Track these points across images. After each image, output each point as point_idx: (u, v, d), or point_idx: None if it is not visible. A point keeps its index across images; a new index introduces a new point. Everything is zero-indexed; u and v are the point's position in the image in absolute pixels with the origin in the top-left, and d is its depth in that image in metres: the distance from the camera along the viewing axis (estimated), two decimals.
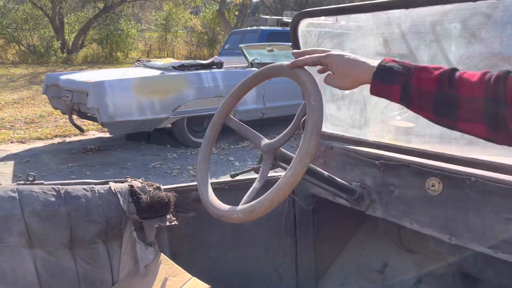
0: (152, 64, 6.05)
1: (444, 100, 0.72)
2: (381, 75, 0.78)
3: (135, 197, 1.24)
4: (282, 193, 0.86)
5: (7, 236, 1.09)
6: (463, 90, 0.71)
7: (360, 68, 0.81)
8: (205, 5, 23.73)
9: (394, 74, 0.76)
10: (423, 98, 0.74)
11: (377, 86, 0.78)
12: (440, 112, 0.74)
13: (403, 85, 0.75)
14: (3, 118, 7.46)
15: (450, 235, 1.13)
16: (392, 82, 0.76)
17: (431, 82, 0.73)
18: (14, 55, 18.14)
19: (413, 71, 0.75)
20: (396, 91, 0.76)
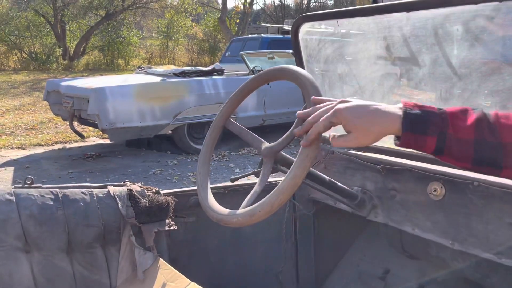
0: (153, 71, 6.06)
1: (486, 149, 0.67)
2: (412, 125, 0.68)
3: (134, 201, 1.22)
4: (283, 196, 0.84)
5: (4, 239, 1.08)
6: (506, 137, 0.66)
7: (383, 119, 0.70)
8: (207, 13, 23.88)
9: (427, 124, 0.68)
10: (462, 148, 0.68)
11: (408, 138, 0.69)
12: (482, 161, 0.68)
13: (439, 135, 0.68)
14: (3, 124, 7.46)
15: (452, 241, 1.12)
16: (425, 132, 0.68)
17: (469, 130, 0.67)
18: (16, 62, 18.22)
19: (446, 119, 0.68)
20: (431, 142, 0.68)
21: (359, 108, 0.71)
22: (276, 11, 28.19)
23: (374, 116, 0.70)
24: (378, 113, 0.70)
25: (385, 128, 0.70)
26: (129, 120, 4.91)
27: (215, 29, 21.63)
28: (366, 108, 0.71)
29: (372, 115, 0.70)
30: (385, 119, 0.70)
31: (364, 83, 1.30)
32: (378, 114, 0.70)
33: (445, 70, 1.04)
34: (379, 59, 1.22)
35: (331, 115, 0.73)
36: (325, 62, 1.39)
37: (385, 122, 0.70)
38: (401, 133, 0.69)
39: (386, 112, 0.70)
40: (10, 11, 18.35)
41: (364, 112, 0.71)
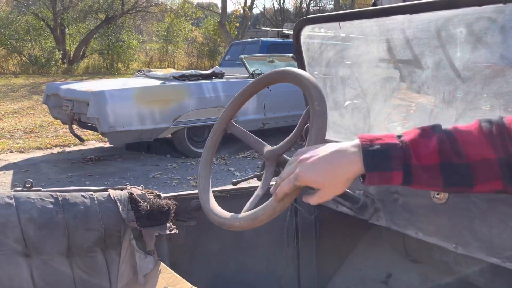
0: (153, 74, 6.06)
1: (454, 172, 0.66)
2: (375, 164, 0.66)
3: (135, 205, 1.22)
4: (286, 199, 0.83)
5: (3, 243, 1.06)
6: (472, 156, 0.65)
7: (344, 167, 0.68)
8: (207, 17, 23.95)
9: (389, 159, 0.66)
10: (430, 175, 0.66)
11: (373, 177, 0.67)
12: (452, 184, 0.67)
13: (404, 168, 0.66)
14: (3, 127, 7.45)
15: (456, 244, 1.11)
16: (390, 168, 0.66)
17: (433, 155, 0.66)
18: (15, 65, 18.24)
19: (407, 149, 0.66)
20: (397, 176, 0.67)
21: (316, 165, 0.70)
22: (275, 15, 28.27)
23: (333, 168, 0.68)
24: (337, 163, 0.68)
25: (349, 174, 0.68)
26: (128, 123, 4.91)
27: (215, 33, 21.68)
28: (323, 162, 0.69)
29: (331, 168, 0.69)
30: (346, 166, 0.68)
31: (367, 86, 1.29)
32: (337, 164, 0.68)
33: (448, 72, 1.04)
34: (382, 61, 1.22)
35: (294, 179, 0.72)
36: (327, 65, 1.38)
37: (347, 169, 0.68)
38: (366, 177, 0.67)
39: (345, 157, 0.68)
40: (10, 14, 18.39)
41: (323, 168, 0.69)
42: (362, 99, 1.30)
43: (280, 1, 28.91)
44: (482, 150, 0.65)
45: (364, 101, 1.32)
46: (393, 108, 1.25)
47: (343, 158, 0.68)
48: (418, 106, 1.19)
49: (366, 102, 1.32)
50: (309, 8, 27.70)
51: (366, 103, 1.32)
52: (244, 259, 1.52)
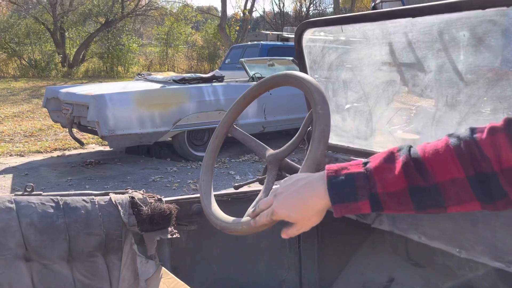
0: (153, 77, 6.06)
1: (423, 194, 0.64)
2: (339, 196, 0.67)
3: (136, 209, 1.21)
4: None
5: (4, 248, 1.05)
6: (439, 177, 0.63)
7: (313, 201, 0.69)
8: (207, 20, 24.01)
9: (353, 190, 0.66)
10: (398, 200, 0.65)
11: (341, 209, 0.67)
12: (423, 206, 0.65)
13: (370, 197, 0.65)
14: (2, 131, 7.44)
15: (459, 249, 1.10)
16: (356, 199, 0.66)
17: (399, 180, 0.64)
18: (15, 69, 18.25)
19: (372, 177, 0.66)
20: (365, 206, 0.66)
21: (289, 200, 0.72)
22: (275, 18, 28.34)
23: (304, 202, 0.70)
24: (306, 197, 0.70)
25: (319, 207, 0.69)
26: (128, 127, 4.90)
27: (215, 36, 21.73)
28: (294, 197, 0.71)
29: (302, 203, 0.70)
30: (315, 200, 0.69)
31: (369, 90, 1.29)
32: (306, 198, 0.70)
33: (451, 76, 1.03)
34: (384, 65, 1.22)
35: (271, 214, 0.74)
36: (329, 68, 1.38)
37: (316, 202, 0.69)
38: (333, 209, 0.67)
39: (313, 190, 0.69)
40: (10, 18, 18.42)
41: (294, 204, 0.71)
42: (365, 102, 1.30)
43: (280, 4, 28.96)
44: (449, 169, 0.62)
45: (366, 105, 1.31)
46: (395, 112, 1.24)
47: (311, 192, 0.70)
48: (421, 109, 1.18)
49: (369, 106, 1.31)
50: (309, 12, 27.78)
51: (369, 107, 1.31)
52: (246, 264, 1.51)
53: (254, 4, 21.56)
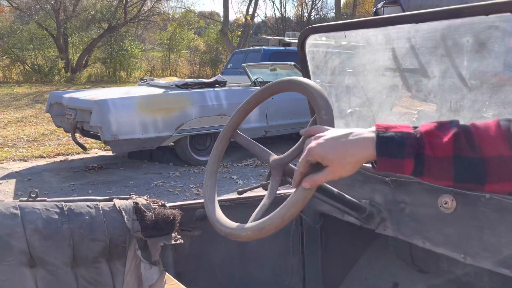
0: (156, 82, 6.08)
1: (467, 166, 0.64)
2: (387, 150, 0.67)
3: (140, 215, 1.21)
4: (294, 209, 0.83)
5: (8, 254, 1.06)
6: (487, 151, 0.64)
7: (357, 149, 0.69)
8: (209, 25, 24.11)
9: (402, 146, 0.66)
10: (442, 167, 0.65)
11: (385, 163, 0.67)
12: (463, 179, 0.66)
13: (416, 157, 0.66)
14: (6, 136, 7.47)
15: (464, 254, 1.10)
16: (402, 156, 0.66)
17: (447, 147, 0.65)
18: (19, 74, 18.34)
19: (422, 139, 0.66)
20: (408, 165, 0.66)
21: (330, 142, 0.71)
22: (277, 23, 28.42)
23: (346, 147, 0.69)
24: (350, 143, 0.69)
25: (360, 157, 0.69)
26: (131, 132, 4.91)
27: (217, 42, 21.80)
28: (337, 140, 0.70)
29: (344, 147, 0.69)
30: (358, 148, 0.69)
31: (372, 95, 1.29)
32: (350, 144, 0.69)
33: (455, 81, 1.03)
34: (387, 70, 1.22)
35: (306, 155, 0.73)
36: (332, 73, 1.38)
37: (359, 151, 0.68)
38: (377, 161, 0.68)
39: (359, 140, 0.69)
40: (13, 24, 18.53)
41: (336, 145, 0.70)
42: (368, 107, 1.30)
43: (282, 9, 29.06)
44: (498, 146, 0.63)
45: (369, 110, 1.31)
46: (399, 117, 1.25)
47: (357, 139, 0.69)
48: (425, 114, 1.18)
49: (372, 111, 1.31)
50: (310, 17, 27.85)
51: (372, 112, 1.32)
52: (249, 269, 1.51)
53: (256, 9, 21.65)
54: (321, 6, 30.18)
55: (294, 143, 1.02)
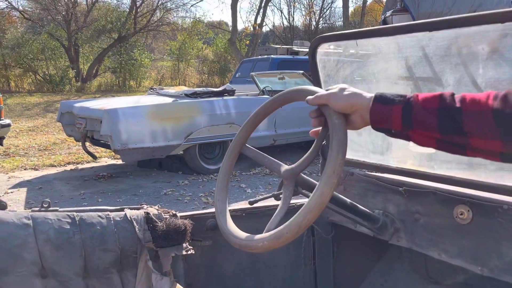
0: (165, 92, 6.12)
1: (449, 114, 0.70)
2: (381, 97, 0.78)
3: (151, 225, 1.20)
4: (311, 215, 0.81)
5: (20, 265, 1.05)
6: (469, 106, 0.69)
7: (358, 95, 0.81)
8: (217, 35, 24.30)
9: (394, 96, 0.77)
10: (427, 116, 0.72)
11: (376, 109, 0.77)
12: (447, 129, 0.71)
13: (405, 104, 0.74)
14: (17, 145, 7.56)
15: (481, 267, 1.07)
16: (392, 102, 0.76)
17: (434, 99, 0.72)
18: (30, 84, 18.63)
19: (414, 95, 0.75)
20: (397, 111, 0.75)
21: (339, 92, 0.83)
22: (285, 32, 28.54)
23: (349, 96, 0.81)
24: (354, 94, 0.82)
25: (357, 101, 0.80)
26: (141, 140, 4.94)
27: (226, 51, 21.94)
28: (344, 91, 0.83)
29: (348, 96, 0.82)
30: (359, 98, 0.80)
31: None
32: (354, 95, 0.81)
33: (470, 90, 1.02)
34: (400, 79, 1.21)
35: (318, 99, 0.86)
36: (344, 82, 1.37)
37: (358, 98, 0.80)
38: (371, 105, 0.78)
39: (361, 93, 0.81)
40: (25, 34, 18.85)
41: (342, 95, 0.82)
42: None
43: (290, 18, 29.19)
44: (480, 104, 0.68)
45: None
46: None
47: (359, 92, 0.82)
48: None
49: None
50: (318, 25, 27.93)
51: None
52: (260, 280, 1.49)
53: (264, 18, 21.78)
54: (329, 15, 30.23)
55: (303, 151, 1.01)
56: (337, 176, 0.81)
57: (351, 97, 0.81)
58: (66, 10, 19.50)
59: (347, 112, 0.82)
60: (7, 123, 5.93)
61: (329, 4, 28.75)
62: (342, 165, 0.81)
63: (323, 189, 0.80)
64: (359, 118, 0.82)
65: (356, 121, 0.83)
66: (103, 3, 21.53)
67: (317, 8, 28.26)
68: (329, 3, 28.67)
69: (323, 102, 0.84)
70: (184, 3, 27.02)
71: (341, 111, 0.82)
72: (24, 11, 20.17)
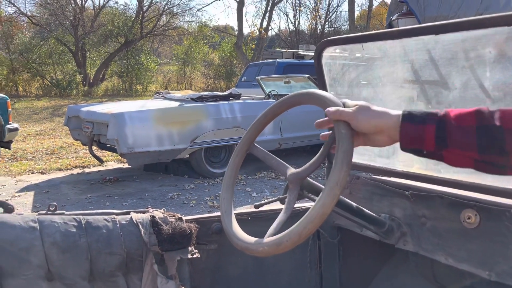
0: (171, 96, 6.15)
1: (490, 133, 0.65)
2: (410, 116, 0.72)
3: (157, 228, 1.20)
4: (311, 226, 0.81)
5: (26, 268, 1.06)
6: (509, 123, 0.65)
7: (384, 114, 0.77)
8: (223, 39, 24.40)
9: (424, 114, 0.71)
10: (464, 136, 0.67)
11: (407, 129, 0.71)
12: (486, 148, 0.66)
13: (438, 123, 0.69)
14: (25, 149, 7.62)
15: (489, 272, 1.06)
16: (424, 122, 0.70)
17: (470, 117, 0.67)
18: (38, 88, 18.81)
19: (445, 112, 0.70)
20: (430, 131, 0.69)
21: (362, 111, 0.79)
22: (290, 36, 28.58)
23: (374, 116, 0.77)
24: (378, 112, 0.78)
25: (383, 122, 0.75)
26: (147, 144, 4.96)
27: (231, 55, 22.02)
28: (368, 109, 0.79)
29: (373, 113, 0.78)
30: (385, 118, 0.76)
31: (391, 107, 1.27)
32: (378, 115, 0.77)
33: (477, 93, 1.01)
34: (406, 82, 1.20)
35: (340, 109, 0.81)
36: (349, 85, 1.37)
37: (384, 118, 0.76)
38: (399, 125, 0.73)
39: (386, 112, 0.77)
40: (33, 39, 19.06)
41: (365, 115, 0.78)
42: None
43: (295, 22, 29.25)
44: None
45: None
46: None
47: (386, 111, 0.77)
48: None
49: None
50: (324, 29, 27.94)
51: None
52: (266, 284, 1.48)
53: (270, 22, 21.84)
54: (334, 18, 30.24)
55: (308, 155, 1.01)
56: (340, 188, 0.80)
57: (376, 117, 0.76)
58: (73, 15, 19.71)
59: (370, 133, 0.78)
60: (15, 127, 5.99)
61: (334, 8, 28.80)
62: (346, 176, 0.80)
63: (325, 200, 0.80)
64: (385, 138, 0.77)
65: (381, 140, 0.78)
66: (110, 8, 21.75)
67: (323, 12, 28.30)
68: (335, 7, 28.72)
69: (344, 119, 0.79)
70: (190, 7, 27.26)
71: (365, 131, 0.78)
72: (32, 16, 20.40)
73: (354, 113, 0.78)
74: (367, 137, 0.80)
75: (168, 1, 21.94)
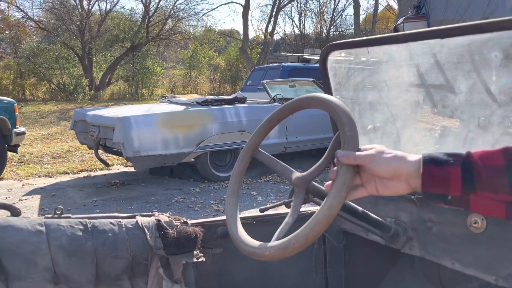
0: (177, 100, 6.17)
1: None
2: (432, 159, 0.66)
3: (162, 232, 1.21)
4: (318, 228, 0.81)
5: (33, 271, 1.07)
6: None
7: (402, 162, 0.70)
8: (229, 43, 24.50)
9: (446, 156, 0.65)
10: (494, 176, 0.61)
11: (430, 170, 0.65)
12: None
13: (463, 164, 0.63)
14: (32, 153, 7.67)
15: (496, 277, 1.05)
16: (447, 163, 0.64)
17: (498, 157, 0.62)
18: (45, 92, 18.97)
19: (467, 151, 0.65)
20: (455, 173, 0.63)
21: (375, 153, 0.72)
22: (296, 40, 28.62)
23: (392, 160, 0.70)
24: (396, 157, 0.70)
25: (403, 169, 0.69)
26: (153, 148, 4.97)
27: (237, 59, 22.09)
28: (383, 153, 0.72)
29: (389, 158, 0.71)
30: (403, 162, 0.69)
31: (397, 111, 1.27)
32: (396, 157, 0.70)
33: (483, 97, 1.01)
34: (412, 86, 1.20)
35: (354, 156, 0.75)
36: (355, 89, 1.37)
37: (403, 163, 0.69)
38: (421, 168, 0.66)
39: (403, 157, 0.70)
40: (40, 44, 19.24)
41: (380, 156, 0.72)
42: (392, 124, 1.28)
43: (301, 26, 29.27)
44: None
45: (394, 126, 1.29)
46: (424, 133, 1.22)
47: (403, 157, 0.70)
48: (451, 131, 1.15)
49: (396, 127, 1.29)
50: (329, 33, 27.95)
51: (396, 128, 1.29)
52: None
53: (275, 27, 21.88)
54: (340, 22, 30.23)
55: (314, 159, 1.01)
56: (347, 189, 0.79)
57: (394, 161, 0.70)
58: (80, 20, 19.88)
59: (388, 177, 0.71)
60: (22, 131, 6.03)
61: (339, 12, 28.81)
62: (353, 178, 0.80)
63: (332, 202, 0.79)
64: (404, 184, 0.70)
65: (398, 187, 0.71)
66: (117, 13, 21.91)
67: (328, 16, 28.32)
68: (340, 11, 28.73)
69: (359, 163, 0.73)
70: (195, 12, 27.38)
71: (382, 175, 0.72)
72: (39, 21, 20.60)
73: (371, 155, 0.72)
74: (383, 183, 0.73)
75: (174, 5, 22.09)
